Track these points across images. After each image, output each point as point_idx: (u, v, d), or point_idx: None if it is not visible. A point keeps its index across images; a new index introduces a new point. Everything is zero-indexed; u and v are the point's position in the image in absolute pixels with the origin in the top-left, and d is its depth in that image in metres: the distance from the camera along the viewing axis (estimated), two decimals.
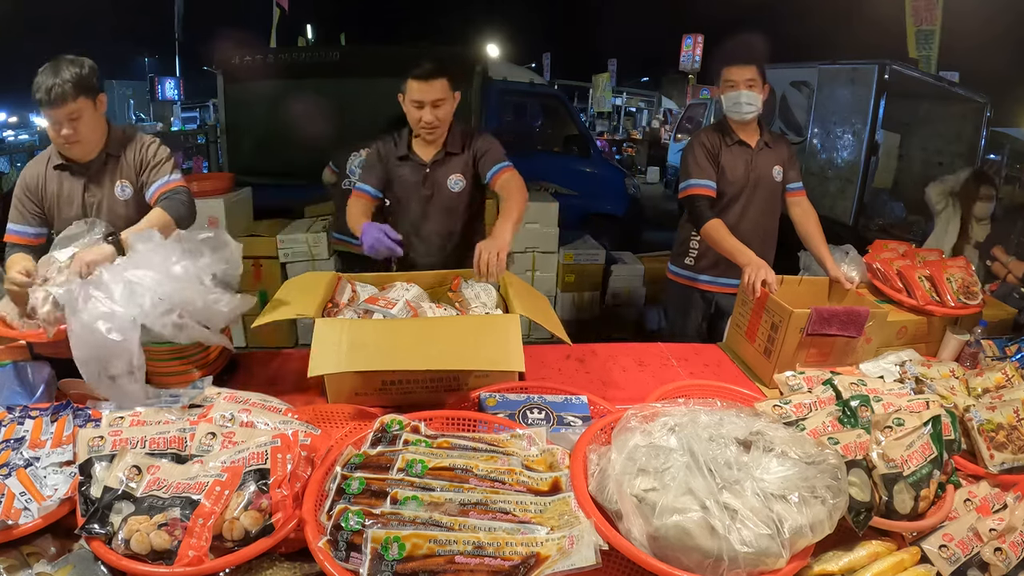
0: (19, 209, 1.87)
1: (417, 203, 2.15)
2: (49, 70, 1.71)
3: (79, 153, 1.84)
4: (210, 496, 0.99)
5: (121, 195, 1.90)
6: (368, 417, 1.45)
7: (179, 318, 1.36)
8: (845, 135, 5.03)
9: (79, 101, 1.74)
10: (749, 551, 0.93)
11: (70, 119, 1.74)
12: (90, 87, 1.76)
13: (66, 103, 1.71)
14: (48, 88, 1.69)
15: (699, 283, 2.54)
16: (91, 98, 1.77)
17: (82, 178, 1.88)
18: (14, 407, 1.29)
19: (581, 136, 6.26)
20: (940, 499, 1.22)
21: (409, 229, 2.15)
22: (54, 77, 1.69)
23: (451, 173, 2.13)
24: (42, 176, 1.88)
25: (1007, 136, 6.35)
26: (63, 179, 1.89)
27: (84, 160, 1.86)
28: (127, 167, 1.91)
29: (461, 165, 2.14)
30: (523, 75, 7.11)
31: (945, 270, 2.06)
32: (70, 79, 1.70)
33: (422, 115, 2.00)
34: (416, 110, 2.01)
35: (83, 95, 1.74)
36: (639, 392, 1.64)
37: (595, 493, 1.06)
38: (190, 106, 16.36)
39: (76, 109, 1.74)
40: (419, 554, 0.90)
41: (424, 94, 1.98)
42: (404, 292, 1.75)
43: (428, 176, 2.13)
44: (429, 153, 2.13)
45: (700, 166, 2.36)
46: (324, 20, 16.14)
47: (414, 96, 1.99)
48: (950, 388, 1.60)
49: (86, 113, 1.77)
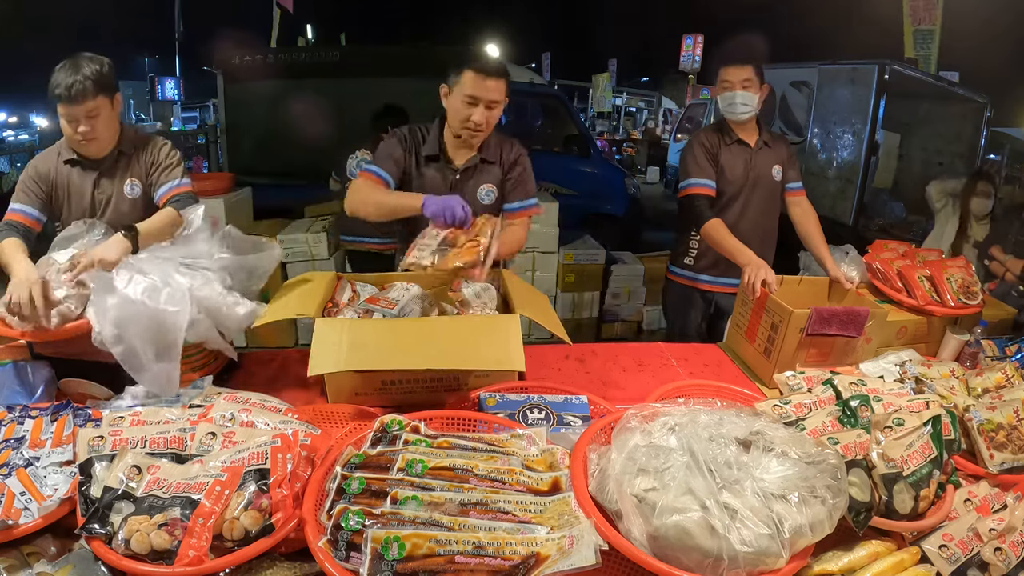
0: (24, 191, 1.86)
1: None
2: (69, 67, 1.70)
3: (93, 151, 1.85)
4: (210, 496, 0.99)
5: (130, 193, 1.91)
6: (368, 417, 1.45)
7: (196, 312, 1.36)
8: (845, 135, 5.04)
9: (98, 99, 1.74)
10: (749, 551, 0.93)
11: (88, 116, 1.74)
12: (109, 85, 1.77)
13: (86, 100, 1.71)
14: (68, 85, 1.68)
15: (699, 283, 2.54)
16: (109, 96, 1.78)
17: (93, 173, 1.89)
18: (14, 407, 1.29)
19: (581, 136, 6.27)
20: (940, 499, 1.22)
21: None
22: (75, 74, 1.69)
23: (483, 183, 1.94)
24: (53, 168, 1.88)
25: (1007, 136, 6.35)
26: (73, 173, 1.89)
27: (96, 156, 1.87)
28: (138, 166, 1.92)
29: (494, 176, 1.95)
30: (523, 75, 7.12)
31: (945, 270, 2.06)
32: (91, 76, 1.70)
33: (472, 113, 1.79)
34: (467, 107, 1.79)
35: (102, 93, 1.74)
36: (639, 392, 1.64)
37: (595, 493, 1.06)
38: (190, 106, 16.37)
39: (95, 107, 1.74)
40: (419, 554, 0.90)
41: (483, 91, 1.77)
42: (404, 292, 1.75)
43: (457, 183, 1.92)
44: (462, 157, 1.92)
45: (699, 165, 2.36)
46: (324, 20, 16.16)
47: (469, 91, 1.77)
48: (950, 388, 1.60)
49: (104, 111, 1.78)
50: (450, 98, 1.84)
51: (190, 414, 1.27)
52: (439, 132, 1.92)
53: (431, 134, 1.92)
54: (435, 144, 1.91)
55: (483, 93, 1.78)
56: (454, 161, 1.92)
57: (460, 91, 1.79)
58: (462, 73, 1.78)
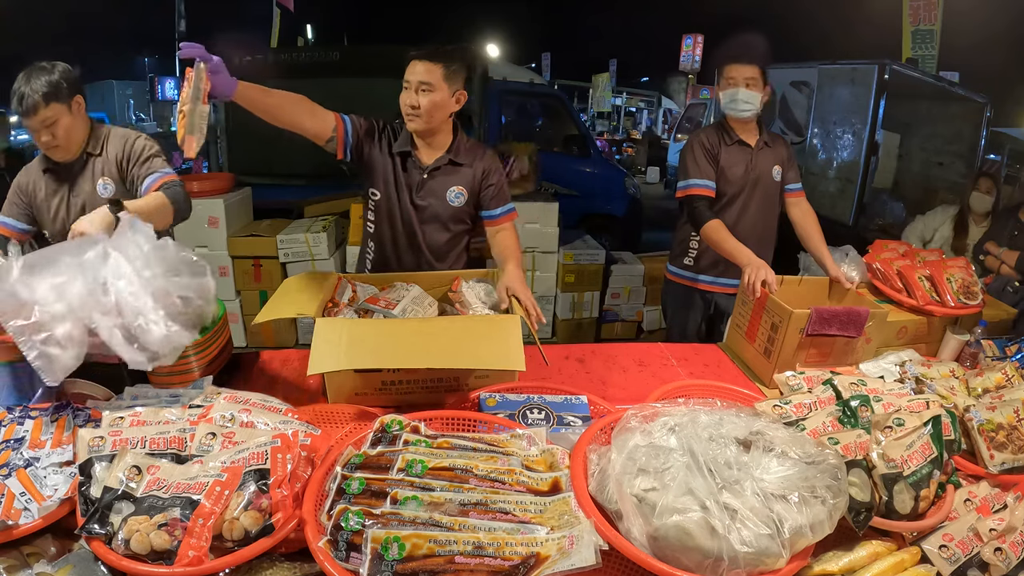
0: (9, 203, 1.92)
1: (407, 209, 1.97)
2: (22, 79, 1.73)
3: (61, 155, 1.87)
4: (210, 496, 0.99)
5: (103, 193, 1.92)
6: (368, 417, 1.45)
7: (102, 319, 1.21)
8: (845, 135, 5.03)
9: (51, 107, 1.75)
10: (749, 551, 0.93)
11: (45, 126, 1.77)
12: (61, 93, 1.77)
13: (38, 111, 1.73)
14: (20, 98, 1.72)
15: (698, 283, 2.54)
16: (64, 103, 1.78)
17: (67, 179, 1.91)
18: (14, 407, 1.29)
19: (581, 136, 6.27)
20: (940, 499, 1.22)
21: (394, 237, 2.01)
22: (25, 86, 1.71)
23: (452, 184, 1.97)
24: (32, 178, 1.92)
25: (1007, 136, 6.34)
26: (50, 181, 1.92)
27: (67, 160, 1.88)
28: (108, 164, 1.92)
29: (464, 179, 1.98)
30: (523, 75, 7.11)
31: (945, 270, 2.06)
32: (40, 88, 1.72)
33: (406, 97, 1.85)
34: (404, 92, 1.85)
35: (55, 101, 1.75)
36: (639, 392, 1.64)
37: (595, 493, 1.06)
38: None
39: (49, 116, 1.76)
40: (419, 554, 0.90)
41: (412, 73, 1.84)
42: (404, 292, 1.75)
43: (424, 182, 1.95)
44: (430, 156, 1.96)
45: (699, 166, 2.36)
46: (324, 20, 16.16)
47: (405, 76, 1.85)
48: (950, 388, 1.60)
49: (62, 118, 1.79)
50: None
51: (190, 414, 1.27)
52: (409, 131, 1.96)
53: (403, 132, 1.96)
54: (406, 142, 1.95)
55: (411, 76, 1.84)
56: (422, 160, 1.96)
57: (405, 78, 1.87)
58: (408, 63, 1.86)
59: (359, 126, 1.91)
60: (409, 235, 2.00)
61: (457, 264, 2.08)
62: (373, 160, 1.95)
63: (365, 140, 1.93)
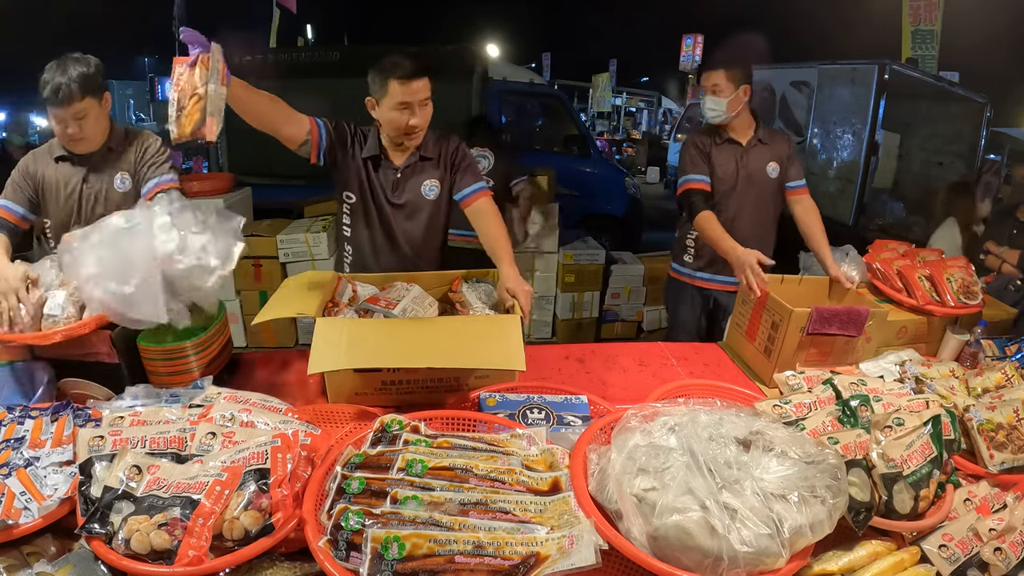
0: (13, 188, 1.87)
1: (384, 208, 1.96)
2: (56, 68, 1.71)
3: (82, 148, 1.86)
4: (210, 496, 0.99)
5: (120, 187, 1.92)
6: (368, 417, 1.45)
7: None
8: (845, 135, 5.04)
9: (85, 100, 1.74)
10: (749, 551, 0.93)
11: (76, 118, 1.75)
12: (96, 86, 1.77)
13: (72, 102, 1.72)
14: (55, 87, 1.69)
15: (697, 280, 2.57)
16: (97, 97, 1.78)
17: (83, 168, 1.90)
18: (14, 407, 1.29)
19: (581, 136, 6.26)
20: (940, 499, 1.22)
21: (372, 237, 1.99)
22: (61, 76, 1.69)
23: (425, 179, 1.96)
24: (42, 165, 1.90)
25: (1007, 136, 6.34)
26: (63, 168, 1.90)
27: (86, 153, 1.87)
28: (128, 161, 1.93)
29: (435, 172, 1.97)
30: (523, 75, 7.12)
31: (945, 270, 2.06)
32: (77, 79, 1.70)
33: (407, 119, 1.82)
34: (401, 114, 1.81)
35: (89, 94, 1.75)
36: (639, 392, 1.64)
37: (595, 493, 1.06)
38: None
39: (82, 108, 1.75)
40: (419, 554, 0.90)
41: (411, 94, 1.79)
42: (405, 292, 1.75)
43: (399, 181, 1.95)
44: (401, 157, 1.94)
45: (695, 163, 2.42)
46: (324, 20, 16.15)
47: (400, 98, 1.79)
48: (950, 388, 1.60)
49: (92, 112, 1.78)
50: (380, 109, 1.86)
51: (190, 414, 1.27)
52: (377, 136, 1.94)
53: (371, 137, 1.94)
54: (375, 147, 1.93)
55: (411, 96, 1.80)
56: (394, 161, 1.95)
57: (390, 101, 1.81)
58: (387, 84, 1.80)
59: (332, 131, 1.90)
60: (387, 234, 2.00)
61: (437, 259, 2.06)
62: (347, 164, 1.94)
63: (338, 145, 1.92)
